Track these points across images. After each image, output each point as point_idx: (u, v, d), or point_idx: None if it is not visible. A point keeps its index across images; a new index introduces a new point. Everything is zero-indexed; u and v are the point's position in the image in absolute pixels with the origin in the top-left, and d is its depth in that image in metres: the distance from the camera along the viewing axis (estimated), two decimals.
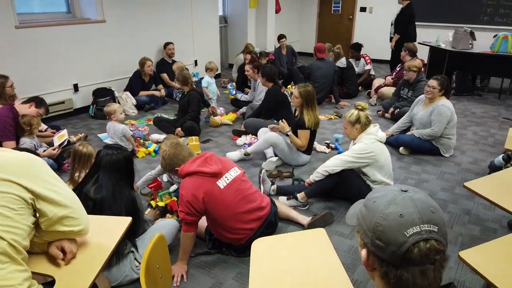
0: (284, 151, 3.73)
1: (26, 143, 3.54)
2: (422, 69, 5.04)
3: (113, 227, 1.69)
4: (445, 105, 3.89)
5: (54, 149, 3.62)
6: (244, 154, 3.89)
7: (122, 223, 1.71)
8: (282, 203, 2.99)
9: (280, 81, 5.70)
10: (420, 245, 0.77)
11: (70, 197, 1.44)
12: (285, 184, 3.44)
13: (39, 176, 1.35)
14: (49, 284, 1.41)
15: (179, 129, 4.45)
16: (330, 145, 4.30)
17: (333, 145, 4.31)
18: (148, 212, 2.75)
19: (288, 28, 9.74)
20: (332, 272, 1.50)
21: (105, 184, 2.11)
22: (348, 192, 3.03)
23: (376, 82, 6.26)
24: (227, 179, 2.34)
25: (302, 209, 3.06)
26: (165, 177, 3.44)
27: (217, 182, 2.30)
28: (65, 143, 3.79)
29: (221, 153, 4.09)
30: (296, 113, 3.76)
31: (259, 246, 1.65)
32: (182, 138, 4.11)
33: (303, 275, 1.49)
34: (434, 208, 0.81)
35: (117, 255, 2.13)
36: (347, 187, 2.99)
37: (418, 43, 6.46)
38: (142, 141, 4.30)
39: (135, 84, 5.67)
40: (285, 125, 3.71)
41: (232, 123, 5.10)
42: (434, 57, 6.83)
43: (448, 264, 2.41)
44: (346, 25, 9.98)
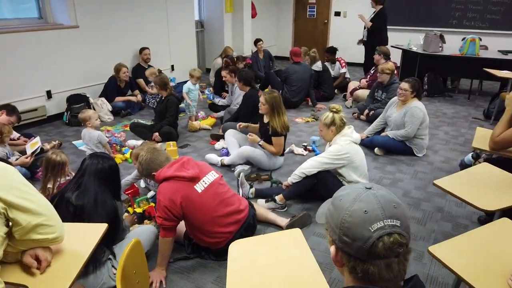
0: (262, 161, 3.74)
1: None
2: (395, 72, 5.18)
3: (89, 234, 1.68)
4: (418, 107, 4.01)
5: (27, 157, 3.53)
6: (221, 164, 3.91)
7: (98, 230, 1.70)
8: (261, 206, 3.02)
9: (258, 85, 5.74)
10: (384, 239, 0.81)
11: (43, 205, 1.42)
12: (264, 187, 3.47)
13: (11, 185, 1.33)
14: None
15: (156, 134, 4.42)
16: (308, 147, 4.36)
17: (311, 147, 4.37)
18: (124, 218, 2.72)
19: (264, 32, 9.82)
20: (308, 271, 1.54)
21: (88, 191, 2.10)
22: (325, 193, 3.07)
23: (352, 85, 6.38)
24: (205, 183, 2.35)
25: (280, 211, 3.10)
26: (142, 183, 3.41)
27: (194, 186, 2.30)
28: (38, 151, 3.70)
29: (200, 158, 4.09)
30: (265, 120, 3.73)
31: (236, 248, 1.67)
32: (160, 144, 4.09)
33: (279, 275, 1.52)
34: (396, 203, 0.85)
35: (95, 263, 2.10)
36: (324, 188, 3.04)
37: (391, 46, 6.64)
38: (118, 147, 4.25)
39: (111, 90, 5.60)
40: (254, 137, 3.71)
41: (211, 128, 5.10)
42: (406, 60, 7.02)
43: (422, 261, 2.49)
44: (321, 29, 10.15)
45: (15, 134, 4.03)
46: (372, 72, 6.07)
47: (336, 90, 6.80)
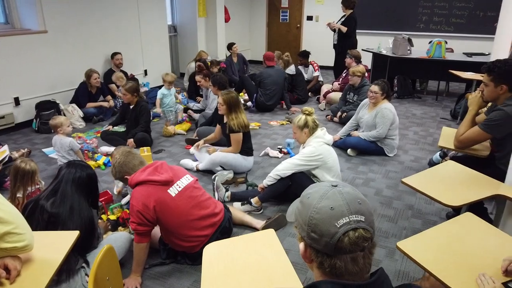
0: (233, 164, 3.76)
1: None
2: (366, 74, 5.32)
3: (60, 242, 1.65)
4: (388, 108, 4.13)
5: None
6: (196, 169, 3.90)
7: (70, 237, 1.67)
8: (237, 209, 3.03)
9: (232, 89, 5.75)
10: (350, 234, 0.84)
11: (12, 213, 1.39)
12: (239, 190, 3.49)
13: None
14: None
15: (131, 140, 4.36)
16: (283, 150, 4.41)
17: (286, 150, 4.42)
18: (98, 224, 2.68)
19: (238, 36, 9.86)
20: (282, 270, 1.56)
21: (65, 198, 2.08)
22: (299, 194, 3.11)
23: (325, 88, 6.50)
24: (179, 187, 2.35)
25: (256, 213, 3.12)
26: (115, 190, 3.36)
27: (168, 190, 2.29)
28: (6, 159, 3.60)
29: (175, 163, 4.06)
30: (225, 120, 3.79)
31: (211, 250, 1.68)
32: (134, 150, 4.03)
33: (253, 277, 1.54)
34: (361, 200, 0.89)
35: (68, 272, 2.06)
36: (299, 189, 3.06)
37: (362, 50, 6.80)
38: (90, 154, 4.17)
39: (82, 95, 5.49)
40: (211, 149, 3.90)
41: (185, 133, 5.07)
42: (376, 63, 7.21)
43: (393, 257, 2.57)
44: (294, 33, 10.28)
45: None
46: (344, 75, 6.20)
47: (309, 93, 6.91)
